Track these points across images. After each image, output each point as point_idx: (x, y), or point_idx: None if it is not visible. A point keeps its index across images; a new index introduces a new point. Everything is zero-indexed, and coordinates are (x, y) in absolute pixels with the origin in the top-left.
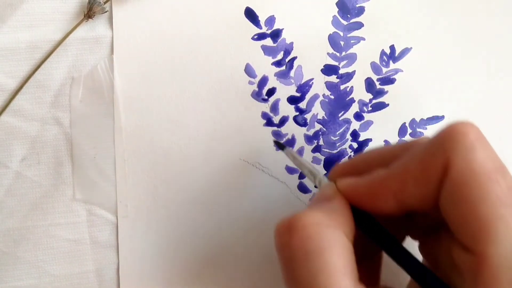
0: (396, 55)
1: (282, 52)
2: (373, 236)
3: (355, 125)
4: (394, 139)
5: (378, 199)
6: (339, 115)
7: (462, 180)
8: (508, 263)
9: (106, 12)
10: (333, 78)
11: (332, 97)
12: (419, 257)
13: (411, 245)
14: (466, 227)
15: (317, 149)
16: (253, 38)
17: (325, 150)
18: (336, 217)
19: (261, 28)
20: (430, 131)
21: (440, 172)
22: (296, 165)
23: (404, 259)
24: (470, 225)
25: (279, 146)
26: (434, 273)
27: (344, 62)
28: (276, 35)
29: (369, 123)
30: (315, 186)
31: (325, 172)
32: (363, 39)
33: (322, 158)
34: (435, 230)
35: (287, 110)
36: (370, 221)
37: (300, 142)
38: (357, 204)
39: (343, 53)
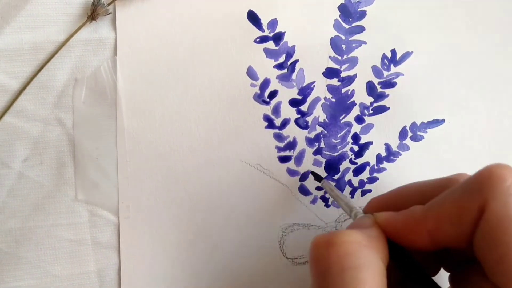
0: (397, 59)
1: (284, 55)
2: (406, 271)
3: (356, 128)
4: (394, 142)
5: (413, 235)
6: (340, 118)
7: (498, 224)
8: None
9: (109, 14)
10: (334, 81)
11: (333, 100)
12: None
13: (442, 276)
14: (500, 269)
15: (318, 151)
16: (255, 41)
17: (326, 152)
18: (374, 241)
19: (263, 31)
20: (430, 135)
21: (475, 214)
22: (332, 197)
23: None
24: (504, 268)
25: (316, 177)
26: None
27: (346, 65)
28: (278, 38)
29: (370, 126)
30: (343, 216)
31: (327, 174)
32: (365, 42)
33: (323, 160)
34: (468, 263)
35: (288, 112)
36: (405, 256)
37: (301, 144)
38: (393, 238)
39: (345, 57)
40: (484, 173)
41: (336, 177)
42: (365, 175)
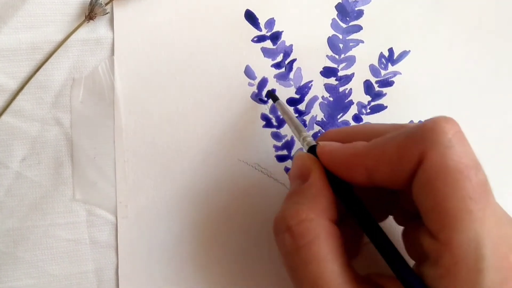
0: (395, 58)
1: (281, 54)
2: (348, 207)
3: None
4: None
5: (351, 169)
6: (338, 117)
7: (435, 174)
8: (468, 250)
9: (107, 13)
10: (332, 80)
11: (331, 99)
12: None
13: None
14: (435, 216)
15: None
16: (253, 40)
17: None
18: (318, 205)
19: (261, 30)
20: None
21: (414, 162)
22: (285, 118)
23: (373, 232)
24: (439, 215)
25: (272, 97)
26: (399, 252)
27: (343, 64)
28: (275, 37)
29: None
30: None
31: None
32: (362, 42)
33: None
34: (416, 219)
35: None
36: (348, 192)
37: (299, 143)
38: (332, 170)
39: (342, 56)
40: (429, 124)
41: None
42: None
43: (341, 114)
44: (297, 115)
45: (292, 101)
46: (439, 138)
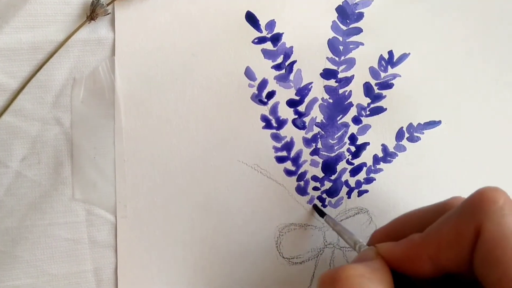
0: (395, 60)
1: (282, 56)
2: None
3: (353, 128)
4: (391, 143)
5: (415, 262)
6: (338, 118)
7: (494, 244)
8: None
9: (108, 14)
10: (332, 82)
11: (330, 101)
12: None
13: None
14: (501, 287)
15: (315, 152)
16: (253, 42)
17: (323, 153)
18: (378, 273)
19: (261, 32)
20: (427, 136)
21: (472, 236)
22: (336, 231)
23: None
24: (504, 286)
25: (319, 212)
26: None
27: (343, 66)
28: (276, 39)
29: (367, 127)
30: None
31: (323, 175)
32: (362, 44)
33: (320, 161)
34: None
35: (286, 113)
36: (411, 286)
37: (298, 145)
38: (396, 268)
39: (342, 58)
40: (477, 196)
41: (333, 177)
42: (362, 176)
43: (340, 116)
44: (296, 116)
45: (292, 103)
46: (491, 208)
